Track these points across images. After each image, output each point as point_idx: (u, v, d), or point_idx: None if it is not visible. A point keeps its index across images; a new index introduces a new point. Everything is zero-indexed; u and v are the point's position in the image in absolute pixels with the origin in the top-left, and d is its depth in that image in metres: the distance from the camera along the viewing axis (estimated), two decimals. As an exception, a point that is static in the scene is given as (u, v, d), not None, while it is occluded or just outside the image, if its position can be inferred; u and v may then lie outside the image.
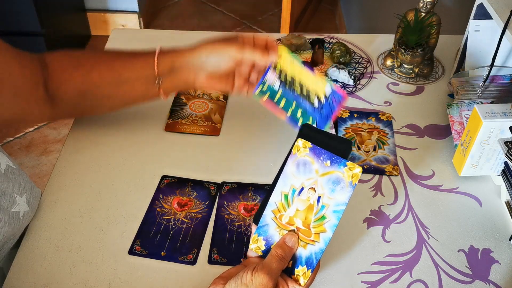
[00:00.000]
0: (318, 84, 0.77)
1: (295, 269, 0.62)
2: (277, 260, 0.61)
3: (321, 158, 0.62)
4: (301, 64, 0.77)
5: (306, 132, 0.65)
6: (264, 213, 0.64)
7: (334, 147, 0.63)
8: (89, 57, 0.82)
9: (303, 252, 0.62)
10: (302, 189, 0.63)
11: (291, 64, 0.77)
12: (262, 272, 0.58)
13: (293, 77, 0.77)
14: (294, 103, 0.78)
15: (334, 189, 0.61)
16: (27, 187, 0.72)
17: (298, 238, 0.63)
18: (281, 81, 0.78)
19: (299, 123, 0.77)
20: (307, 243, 0.62)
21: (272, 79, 0.78)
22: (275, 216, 0.64)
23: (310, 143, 0.63)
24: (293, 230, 0.63)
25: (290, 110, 0.78)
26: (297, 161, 0.63)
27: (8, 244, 0.69)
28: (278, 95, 0.78)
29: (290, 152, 0.64)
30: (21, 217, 0.70)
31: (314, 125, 0.75)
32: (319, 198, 0.62)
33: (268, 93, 0.78)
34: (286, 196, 0.64)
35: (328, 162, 0.62)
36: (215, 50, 0.76)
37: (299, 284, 0.61)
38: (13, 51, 0.73)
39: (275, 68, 0.78)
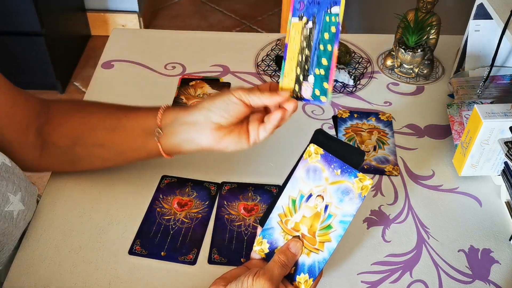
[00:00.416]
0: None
1: (297, 276, 0.62)
2: (280, 266, 0.60)
3: (332, 166, 0.61)
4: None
5: (319, 138, 0.64)
6: (271, 216, 0.64)
7: (347, 156, 0.62)
8: (94, 105, 0.79)
9: (306, 259, 0.62)
10: (310, 195, 0.62)
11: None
12: (264, 278, 0.58)
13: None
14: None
15: (343, 199, 0.60)
16: (22, 186, 0.70)
17: (302, 245, 0.62)
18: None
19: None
20: (311, 251, 0.62)
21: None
22: (281, 220, 0.64)
23: (322, 149, 0.62)
24: (298, 236, 0.63)
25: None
26: (307, 167, 0.62)
27: (8, 246, 0.69)
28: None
29: (301, 156, 0.63)
30: (15, 216, 0.68)
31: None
32: (326, 207, 0.61)
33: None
34: (294, 201, 0.63)
35: (339, 171, 0.61)
36: (219, 96, 0.69)
37: None
38: (8, 90, 0.71)
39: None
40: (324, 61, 0.66)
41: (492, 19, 0.88)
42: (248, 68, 1.07)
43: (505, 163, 0.80)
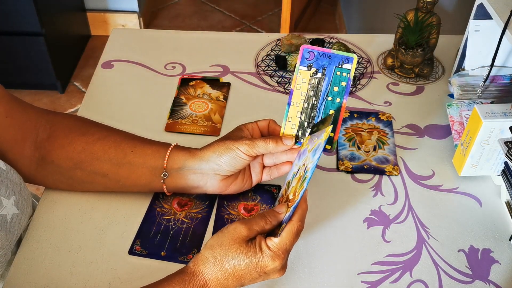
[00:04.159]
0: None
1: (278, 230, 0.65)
2: (259, 216, 0.64)
3: (314, 140, 0.67)
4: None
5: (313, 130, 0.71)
6: (275, 203, 0.70)
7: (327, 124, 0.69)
8: (100, 130, 0.76)
9: (287, 214, 0.65)
10: (298, 170, 0.68)
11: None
12: (238, 221, 0.63)
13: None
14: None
15: (315, 154, 0.64)
16: (15, 190, 0.69)
17: (287, 206, 0.66)
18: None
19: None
20: (291, 207, 0.65)
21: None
22: (280, 203, 0.68)
23: (311, 135, 0.69)
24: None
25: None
26: (299, 153, 0.69)
27: (4, 251, 0.67)
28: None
29: None
30: (9, 220, 0.67)
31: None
32: (305, 168, 0.66)
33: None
34: (289, 183, 0.69)
35: (316, 138, 0.67)
36: (226, 151, 0.70)
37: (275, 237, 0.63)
38: (3, 101, 0.70)
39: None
40: (331, 112, 0.71)
41: (492, 19, 0.88)
42: (248, 68, 1.07)
43: (505, 163, 0.80)
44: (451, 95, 1.00)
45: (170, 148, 0.74)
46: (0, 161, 0.68)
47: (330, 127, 0.66)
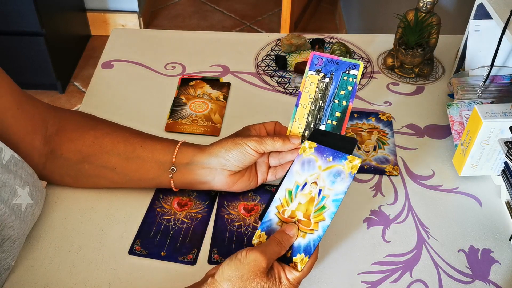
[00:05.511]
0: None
1: (293, 257, 0.64)
2: (275, 243, 0.63)
3: (325, 155, 0.66)
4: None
5: (315, 135, 0.70)
6: (269, 209, 0.67)
7: (340, 145, 0.67)
8: (109, 125, 0.78)
9: (302, 241, 0.64)
10: (305, 184, 0.66)
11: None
12: (257, 250, 0.60)
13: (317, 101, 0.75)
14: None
15: (335, 181, 0.65)
16: (29, 180, 0.70)
17: (298, 229, 0.65)
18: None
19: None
20: (306, 233, 0.65)
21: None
22: (278, 212, 0.67)
23: (315, 143, 0.67)
24: (294, 223, 0.66)
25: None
26: (302, 160, 0.67)
27: (19, 240, 0.68)
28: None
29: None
30: (24, 210, 0.68)
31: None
32: (320, 191, 0.65)
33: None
34: (290, 192, 0.67)
35: (331, 157, 0.66)
36: (235, 147, 0.72)
37: (297, 270, 0.63)
38: (15, 92, 0.71)
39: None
40: (337, 114, 0.74)
41: (492, 19, 0.88)
42: (248, 68, 1.07)
43: (505, 163, 0.80)
44: (451, 95, 1.00)
45: (179, 144, 0.75)
46: (14, 153, 0.69)
47: (356, 160, 0.65)
